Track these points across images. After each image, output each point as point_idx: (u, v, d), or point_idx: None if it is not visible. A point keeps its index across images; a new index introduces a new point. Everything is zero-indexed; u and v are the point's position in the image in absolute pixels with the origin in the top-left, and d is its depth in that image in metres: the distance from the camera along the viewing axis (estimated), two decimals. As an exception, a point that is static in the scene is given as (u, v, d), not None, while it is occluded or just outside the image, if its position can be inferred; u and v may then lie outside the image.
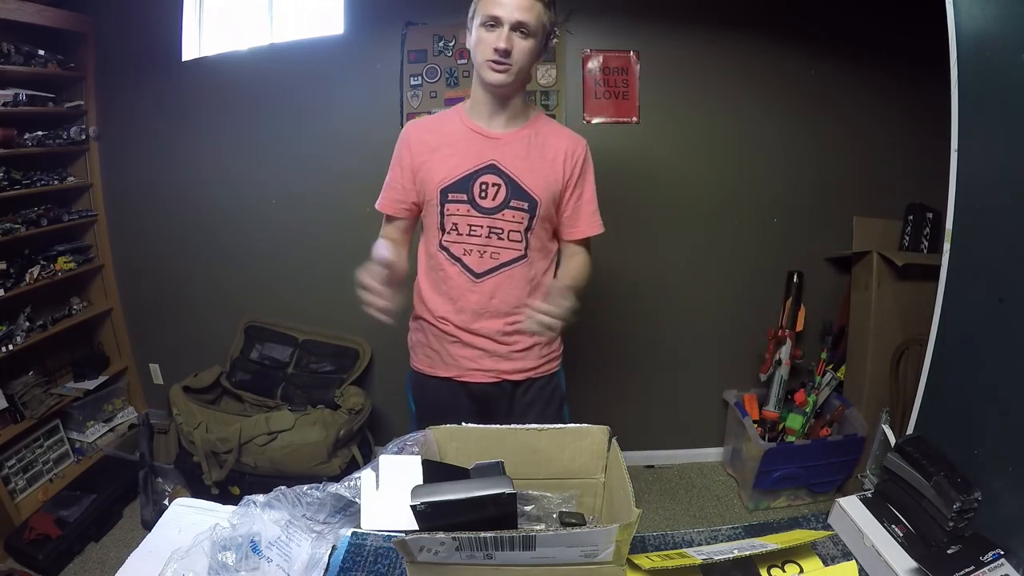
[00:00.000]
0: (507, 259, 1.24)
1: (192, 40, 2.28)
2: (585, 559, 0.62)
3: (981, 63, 0.88)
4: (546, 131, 1.27)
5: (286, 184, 2.33)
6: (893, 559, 0.79)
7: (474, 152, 1.22)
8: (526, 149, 1.23)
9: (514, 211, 1.22)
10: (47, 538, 1.89)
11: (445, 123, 1.27)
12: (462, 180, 1.21)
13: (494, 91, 1.19)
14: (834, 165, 2.29)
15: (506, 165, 1.21)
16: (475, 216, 1.22)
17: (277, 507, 0.85)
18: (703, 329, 2.44)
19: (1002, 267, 0.86)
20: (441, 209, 1.23)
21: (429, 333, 1.32)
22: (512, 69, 1.14)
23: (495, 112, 1.22)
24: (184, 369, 2.35)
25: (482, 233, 1.22)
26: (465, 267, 1.24)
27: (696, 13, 2.12)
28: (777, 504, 2.29)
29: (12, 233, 2.02)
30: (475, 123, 1.24)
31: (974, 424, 0.90)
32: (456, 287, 1.25)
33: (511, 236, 1.23)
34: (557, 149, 1.25)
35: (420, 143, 1.24)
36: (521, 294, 1.26)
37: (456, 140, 1.23)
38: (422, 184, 1.24)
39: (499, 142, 1.22)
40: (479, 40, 1.14)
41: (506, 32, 1.11)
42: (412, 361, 1.39)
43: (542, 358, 1.33)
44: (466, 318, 1.26)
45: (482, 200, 1.21)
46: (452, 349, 1.30)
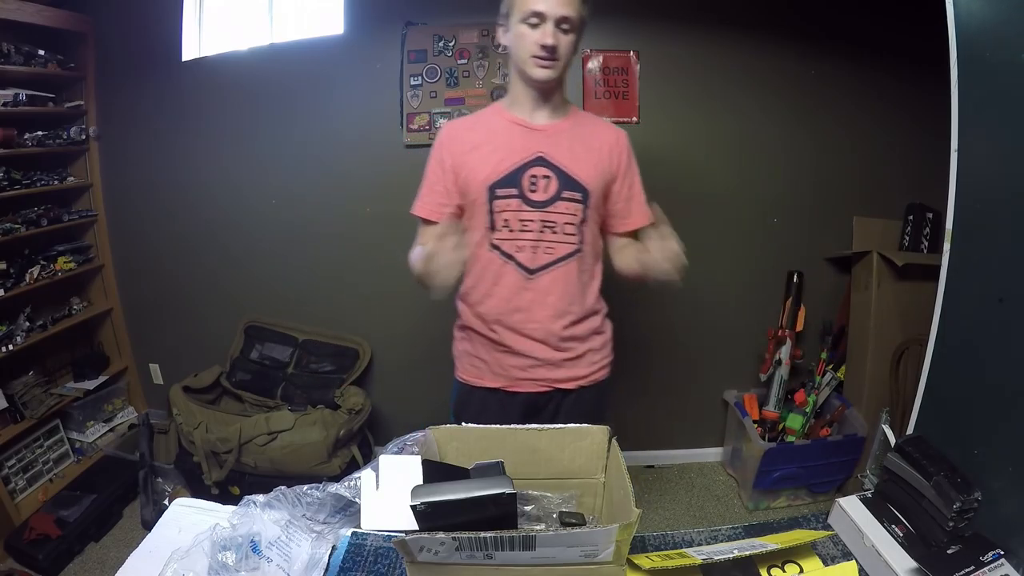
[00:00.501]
0: (562, 254, 1.21)
1: (192, 40, 2.28)
2: (585, 559, 0.62)
3: (981, 63, 0.88)
4: (587, 122, 1.26)
5: (286, 184, 2.33)
6: (893, 559, 0.79)
7: (519, 145, 1.19)
8: (571, 140, 1.21)
9: (567, 202, 1.19)
10: (47, 538, 1.89)
11: (484, 121, 1.25)
12: (510, 174, 1.18)
13: (539, 87, 1.17)
14: (834, 165, 2.29)
15: (554, 156, 1.19)
16: (526, 210, 1.19)
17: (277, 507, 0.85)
18: (703, 329, 2.44)
19: (1002, 267, 0.86)
20: (490, 207, 1.19)
21: (477, 342, 1.28)
22: (558, 64, 1.13)
23: (538, 105, 1.21)
24: (184, 369, 2.35)
25: (534, 228, 1.19)
26: (518, 264, 1.21)
27: (696, 13, 2.12)
28: (777, 504, 2.29)
29: (12, 233, 2.02)
30: (517, 116, 1.22)
31: (974, 424, 0.90)
32: (509, 286, 1.22)
33: (565, 229, 1.20)
34: (602, 140, 1.24)
35: (460, 141, 1.22)
36: (575, 291, 1.23)
37: (499, 135, 1.21)
38: (466, 184, 1.20)
39: (544, 133, 1.20)
40: (521, 36, 1.12)
41: (551, 28, 1.09)
42: (457, 372, 1.35)
43: (593, 365, 1.30)
44: (521, 318, 1.23)
45: (532, 193, 1.18)
46: (502, 359, 1.26)
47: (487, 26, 2.14)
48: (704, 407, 2.54)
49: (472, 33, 2.14)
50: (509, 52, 1.18)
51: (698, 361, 2.48)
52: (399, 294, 2.30)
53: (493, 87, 2.17)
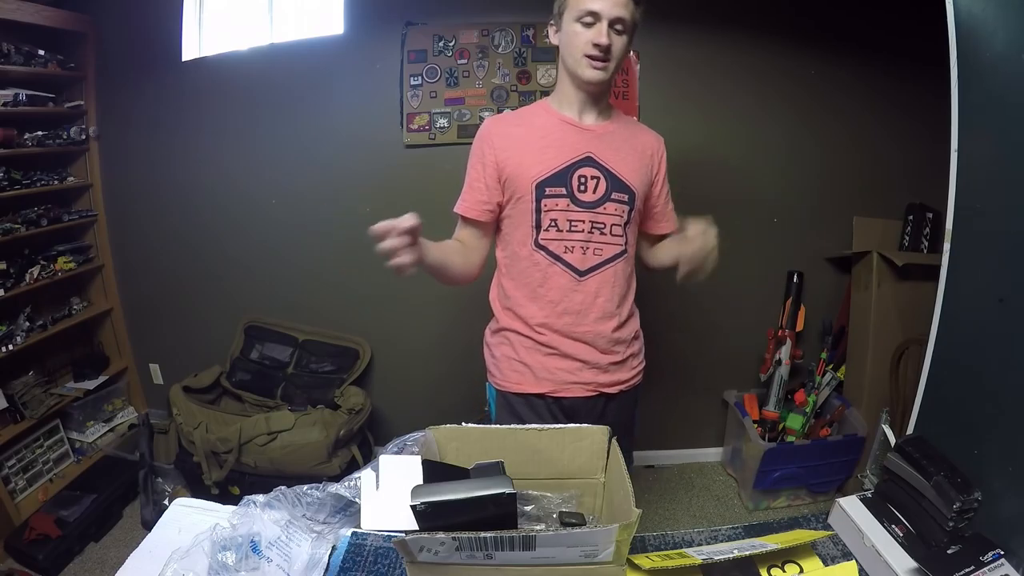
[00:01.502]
0: (610, 255, 1.20)
1: (192, 40, 2.27)
2: (585, 559, 0.62)
3: (981, 63, 0.88)
4: (630, 125, 1.28)
5: (286, 184, 2.32)
6: (893, 559, 0.79)
7: (569, 144, 1.18)
8: (618, 141, 1.21)
9: (616, 204, 1.19)
10: (47, 538, 1.89)
11: (531, 117, 1.23)
12: (559, 173, 1.16)
13: (589, 88, 1.16)
14: (834, 165, 2.29)
15: (602, 157, 1.18)
16: (575, 211, 1.17)
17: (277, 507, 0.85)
18: (703, 329, 2.44)
19: (1002, 267, 0.86)
20: (537, 205, 1.17)
21: (520, 346, 1.24)
22: (610, 66, 1.12)
23: (587, 105, 1.20)
24: (184, 369, 2.35)
25: (584, 228, 1.17)
26: (568, 265, 1.19)
27: (696, 13, 2.11)
28: (777, 504, 2.29)
29: (12, 233, 2.02)
30: (565, 115, 1.20)
31: (974, 424, 0.90)
32: (558, 288, 1.19)
33: (613, 231, 1.19)
34: (645, 143, 1.25)
35: (505, 137, 1.19)
36: (623, 292, 1.24)
37: (547, 132, 1.19)
38: (511, 181, 1.18)
39: (593, 134, 1.19)
40: (573, 35, 1.11)
41: (605, 28, 1.08)
42: (495, 379, 1.30)
43: (633, 369, 1.30)
44: (570, 321, 1.21)
45: (581, 194, 1.17)
46: (549, 362, 1.23)
47: (487, 26, 2.14)
48: (704, 407, 2.54)
49: (472, 33, 2.14)
50: (560, 51, 1.17)
51: (698, 361, 2.48)
52: (399, 294, 2.30)
53: (493, 87, 2.17)
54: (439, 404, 2.38)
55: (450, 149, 2.19)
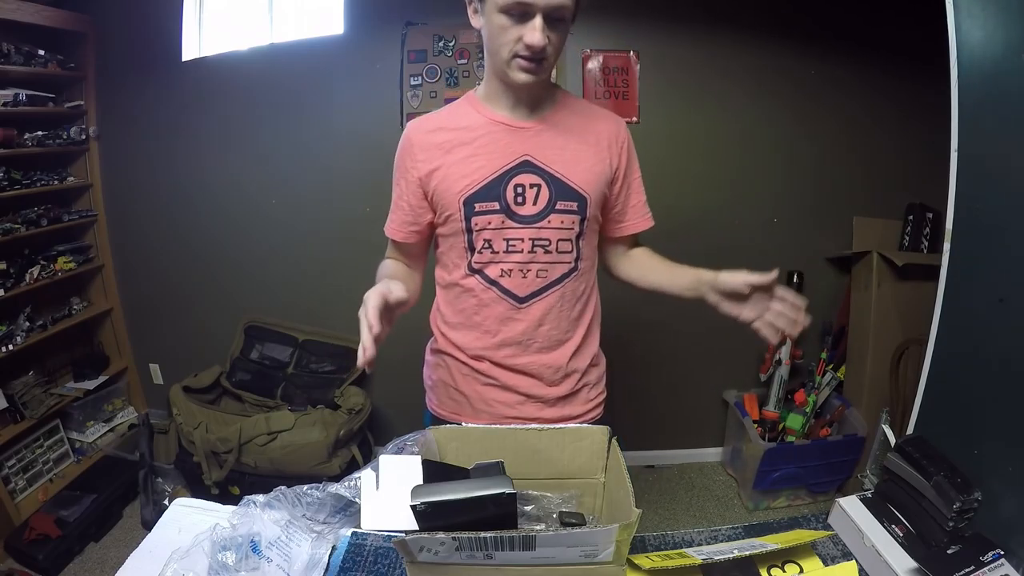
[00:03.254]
0: (556, 276, 1.02)
1: (192, 40, 2.28)
2: (585, 559, 0.62)
3: (981, 63, 0.88)
4: (579, 111, 1.04)
5: (286, 184, 2.33)
6: (893, 559, 0.79)
7: (501, 148, 0.98)
8: (562, 138, 1.00)
9: (561, 215, 0.99)
10: (47, 538, 1.89)
11: (456, 117, 1.03)
12: (490, 184, 0.97)
13: (521, 90, 0.97)
14: (834, 165, 2.29)
15: (543, 159, 0.98)
16: (512, 227, 0.98)
17: (277, 507, 0.85)
18: (703, 329, 2.43)
19: (1002, 267, 0.86)
20: (467, 224, 0.99)
21: (457, 373, 1.11)
22: (547, 64, 0.92)
23: (519, 99, 0.99)
24: (184, 369, 2.35)
25: (524, 248, 0.99)
26: (505, 291, 1.02)
27: (696, 13, 2.12)
28: (777, 504, 2.29)
29: (12, 233, 2.02)
30: (496, 113, 1.00)
31: (974, 424, 0.90)
32: (494, 317, 1.03)
33: (560, 247, 1.01)
34: (599, 133, 1.03)
35: (427, 146, 1.00)
36: (574, 315, 1.07)
37: (475, 136, 0.99)
38: (437, 197, 1.00)
39: (529, 132, 0.99)
40: (501, 29, 0.88)
41: (540, 23, 0.85)
42: (431, 404, 1.18)
43: (589, 403, 1.14)
44: (509, 352, 1.05)
45: (519, 207, 0.98)
46: (486, 392, 1.08)
47: (487, 26, 2.14)
48: (704, 407, 2.54)
49: (472, 33, 2.14)
50: (484, 41, 0.96)
51: (698, 361, 2.48)
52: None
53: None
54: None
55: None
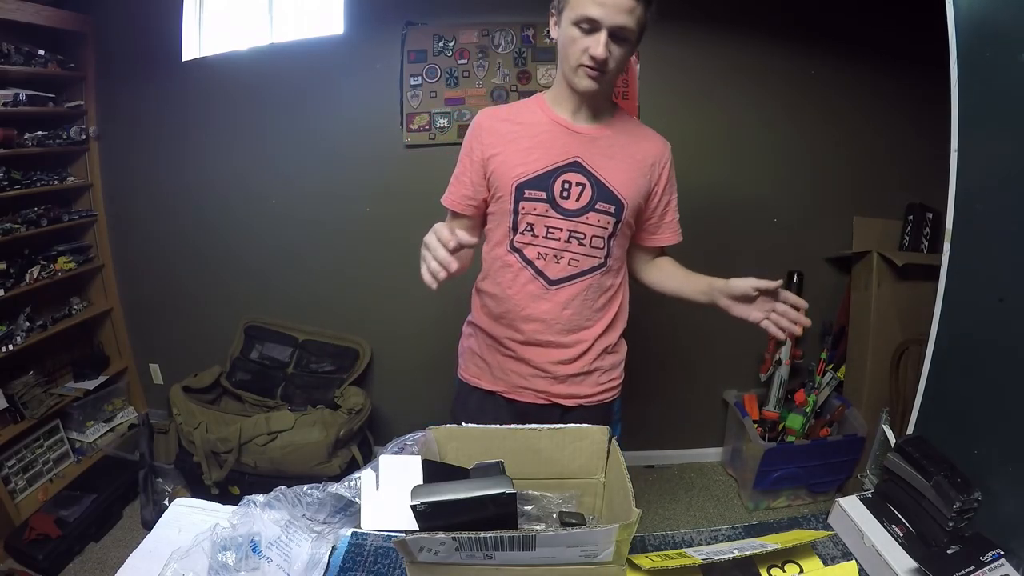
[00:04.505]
0: (586, 267, 1.14)
1: (192, 40, 2.27)
2: (585, 559, 0.62)
3: (981, 63, 0.88)
4: (632, 130, 1.17)
5: (286, 184, 2.32)
6: (893, 559, 0.79)
7: (557, 146, 1.11)
8: (612, 148, 1.13)
9: (599, 214, 1.11)
10: (47, 538, 1.89)
11: (523, 112, 1.16)
12: (541, 176, 1.10)
13: (584, 95, 1.09)
14: (834, 165, 2.29)
15: (591, 163, 1.11)
16: (554, 217, 1.11)
17: (277, 507, 0.85)
18: (703, 329, 2.44)
19: (1002, 267, 0.86)
20: (515, 207, 1.12)
21: (483, 343, 1.23)
22: (608, 76, 1.04)
23: (581, 106, 1.12)
24: (184, 369, 2.35)
25: (561, 237, 1.12)
26: (538, 272, 1.14)
27: (696, 13, 2.11)
28: (777, 504, 2.29)
29: (12, 233, 2.02)
30: (558, 115, 1.13)
31: (974, 424, 0.90)
32: (526, 294, 1.15)
33: (593, 242, 1.13)
34: (646, 151, 1.16)
35: (493, 133, 1.13)
36: (594, 307, 1.18)
37: (536, 131, 1.12)
38: (494, 178, 1.13)
39: (584, 138, 1.12)
40: (570, 40, 1.02)
41: (604, 38, 0.98)
42: (459, 369, 1.30)
43: (599, 386, 1.24)
44: (534, 328, 1.17)
45: (563, 200, 1.10)
46: (504, 363, 1.21)
47: (487, 26, 2.14)
48: (704, 407, 2.54)
49: (472, 33, 2.14)
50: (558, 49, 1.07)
51: (698, 361, 2.48)
52: (399, 294, 2.29)
53: (493, 87, 2.17)
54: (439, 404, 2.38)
55: (450, 149, 2.17)
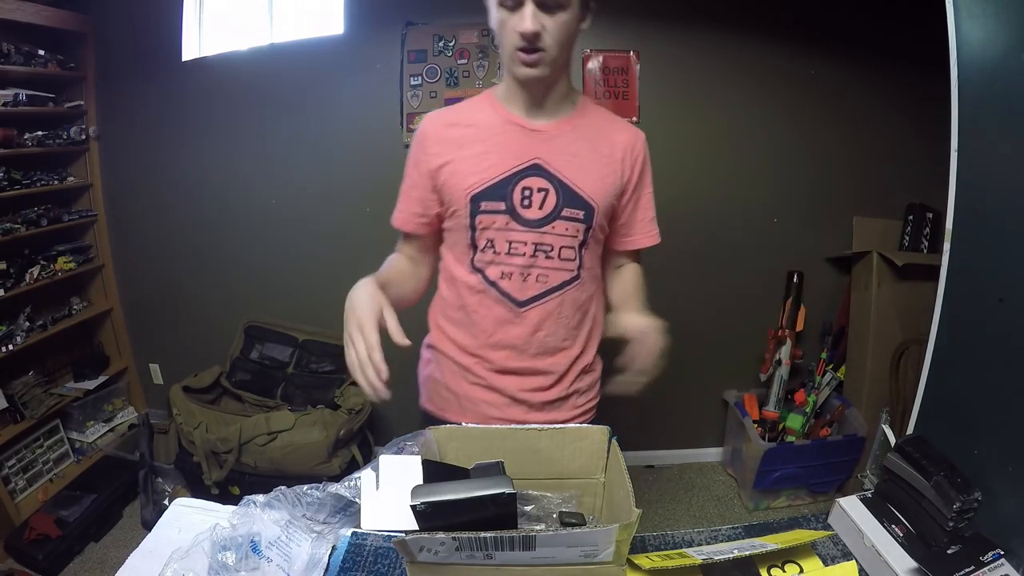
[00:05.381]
0: (556, 283, 1.01)
1: (192, 40, 2.28)
2: (585, 559, 0.62)
3: (981, 63, 0.88)
4: (597, 122, 1.02)
5: (286, 184, 2.33)
6: (893, 559, 0.79)
7: (513, 149, 0.97)
8: (576, 144, 0.99)
9: (567, 222, 0.98)
10: (47, 538, 1.89)
11: (473, 113, 1.02)
12: (499, 184, 0.96)
13: (529, 87, 0.96)
14: (834, 165, 2.29)
15: (553, 164, 0.97)
16: (516, 230, 0.97)
17: (277, 507, 0.85)
18: (703, 329, 2.44)
19: (1002, 267, 0.86)
20: (472, 221, 0.98)
21: (446, 370, 1.10)
22: (546, 57, 0.89)
23: (535, 100, 0.98)
24: (184, 369, 2.35)
25: (526, 251, 0.98)
26: (504, 294, 1.01)
27: (696, 14, 2.12)
28: (777, 504, 2.29)
29: (12, 233, 2.02)
30: (511, 113, 0.99)
31: (974, 424, 0.90)
32: (492, 319, 1.02)
33: (562, 254, 0.99)
34: (614, 143, 1.01)
35: (441, 140, 1.00)
36: (570, 325, 1.05)
37: (489, 134, 0.99)
38: (445, 191, 0.99)
39: (543, 135, 0.98)
40: (499, 23, 0.90)
41: (531, 10, 0.84)
42: (421, 400, 1.18)
43: (577, 409, 1.12)
44: (505, 355, 1.04)
45: (525, 209, 0.97)
46: (473, 392, 1.08)
47: (487, 26, 2.13)
48: (704, 407, 2.54)
49: (472, 33, 2.14)
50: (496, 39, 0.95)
51: (698, 361, 2.47)
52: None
53: (493, 87, 2.17)
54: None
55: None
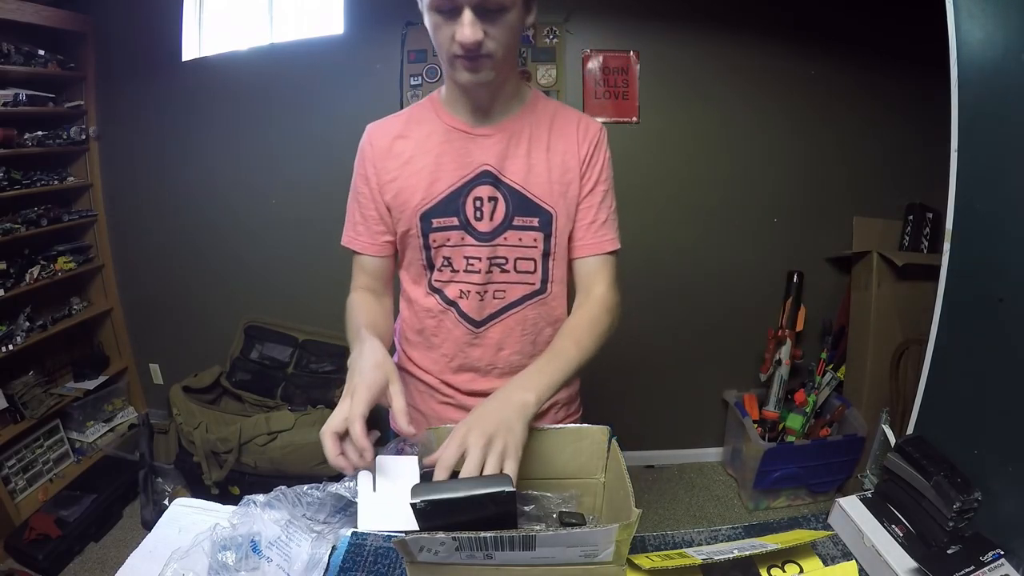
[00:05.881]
0: (515, 297, 0.95)
1: (192, 40, 2.28)
2: (585, 559, 0.62)
3: (981, 63, 0.88)
4: (549, 118, 0.95)
5: (286, 184, 2.33)
6: (893, 559, 0.79)
7: (460, 158, 0.91)
8: (527, 144, 0.92)
9: (520, 231, 0.92)
10: (47, 538, 1.89)
11: (416, 122, 0.95)
12: (449, 198, 0.91)
13: (472, 92, 0.89)
14: (834, 165, 2.29)
15: (504, 169, 0.91)
16: (471, 245, 0.92)
17: (277, 507, 0.85)
18: (703, 329, 2.44)
19: (1002, 267, 0.86)
20: (425, 241, 0.92)
21: (414, 390, 1.05)
22: (490, 63, 0.81)
23: (478, 103, 0.91)
24: (184, 369, 2.35)
25: (481, 268, 0.93)
26: (462, 315, 0.96)
27: (696, 14, 2.12)
28: (777, 504, 2.29)
29: (12, 233, 2.02)
30: (455, 118, 0.93)
31: (974, 424, 0.89)
32: (452, 340, 0.98)
33: (519, 266, 0.94)
34: (570, 141, 0.94)
35: (384, 154, 0.94)
36: (540, 339, 0.99)
37: (432, 144, 0.92)
38: (395, 209, 0.93)
39: (490, 140, 0.92)
40: (434, 28, 0.80)
41: (468, 18, 0.75)
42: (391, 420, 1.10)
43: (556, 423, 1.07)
44: (468, 378, 1.00)
45: (478, 222, 0.91)
46: (443, 411, 1.03)
47: (487, 26, 2.14)
48: (704, 407, 2.54)
49: (472, 33, 2.14)
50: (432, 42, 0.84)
51: (698, 361, 2.48)
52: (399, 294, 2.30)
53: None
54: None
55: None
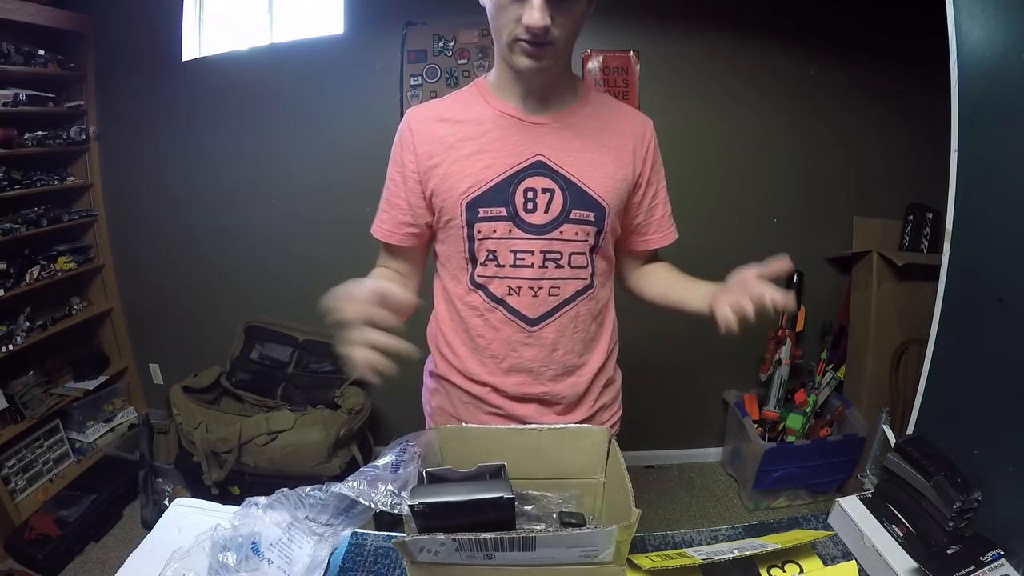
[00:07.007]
0: (570, 293, 0.91)
1: (192, 40, 2.28)
2: (585, 559, 0.62)
3: (981, 62, 0.88)
4: (603, 111, 0.91)
5: (286, 184, 2.33)
6: (893, 559, 0.79)
7: (512, 146, 0.86)
8: (582, 137, 0.88)
9: (576, 225, 0.87)
10: (47, 538, 1.89)
11: (462, 107, 0.90)
12: (498, 187, 0.85)
13: (528, 77, 0.84)
14: (834, 165, 2.29)
15: (559, 161, 0.86)
16: (521, 238, 0.87)
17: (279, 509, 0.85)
18: (703, 329, 2.42)
19: (1002, 267, 0.86)
20: (470, 231, 0.87)
21: (457, 400, 0.99)
22: (552, 51, 0.78)
23: (531, 89, 0.87)
24: (184, 369, 2.34)
25: (534, 262, 0.87)
26: (513, 311, 0.90)
27: (696, 14, 2.12)
28: (777, 504, 2.29)
29: (12, 233, 2.02)
30: (507, 104, 0.88)
31: (974, 424, 0.90)
32: (502, 341, 0.92)
33: (573, 261, 0.89)
34: (623, 134, 0.91)
35: (428, 138, 0.88)
36: (587, 337, 0.95)
37: (483, 130, 0.87)
38: (437, 196, 0.88)
39: (545, 129, 0.87)
40: (498, 8, 0.77)
41: (539, 2, 0.73)
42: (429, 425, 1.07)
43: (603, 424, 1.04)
44: (520, 381, 0.94)
45: (529, 214, 0.86)
46: (490, 421, 0.98)
47: (487, 26, 2.14)
48: (704, 407, 2.54)
49: (472, 33, 2.14)
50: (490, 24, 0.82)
51: (698, 361, 2.48)
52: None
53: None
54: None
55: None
